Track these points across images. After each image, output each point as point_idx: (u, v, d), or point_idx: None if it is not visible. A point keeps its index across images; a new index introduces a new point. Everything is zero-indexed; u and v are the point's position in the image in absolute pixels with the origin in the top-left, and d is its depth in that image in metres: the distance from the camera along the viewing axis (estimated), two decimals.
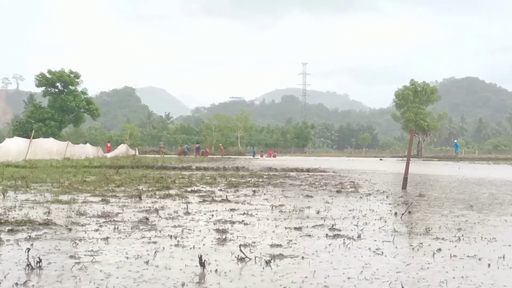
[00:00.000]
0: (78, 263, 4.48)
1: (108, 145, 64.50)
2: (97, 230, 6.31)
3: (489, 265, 4.68)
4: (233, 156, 73.90)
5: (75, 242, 5.45)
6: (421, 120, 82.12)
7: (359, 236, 6.09)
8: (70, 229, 6.31)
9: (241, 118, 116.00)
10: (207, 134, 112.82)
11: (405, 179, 14.05)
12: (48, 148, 34.77)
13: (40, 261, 4.32)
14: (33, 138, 32.70)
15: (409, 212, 8.44)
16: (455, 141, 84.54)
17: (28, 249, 4.63)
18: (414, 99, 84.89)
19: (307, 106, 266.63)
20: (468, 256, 5.02)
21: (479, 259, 4.90)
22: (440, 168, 33.28)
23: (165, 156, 63.19)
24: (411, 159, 15.82)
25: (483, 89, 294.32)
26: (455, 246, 5.57)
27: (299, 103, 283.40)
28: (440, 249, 5.34)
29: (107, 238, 5.74)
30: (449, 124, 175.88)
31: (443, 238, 6.07)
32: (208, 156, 71.71)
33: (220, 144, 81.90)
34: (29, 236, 5.78)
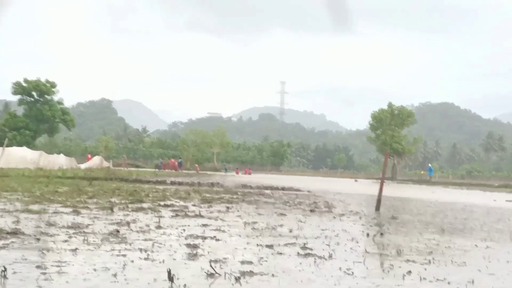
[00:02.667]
0: (44, 273, 4.40)
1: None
2: (66, 241, 6.21)
3: None
4: (209, 172, 73.69)
5: (43, 252, 5.36)
6: (396, 143, 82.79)
7: (330, 256, 6.08)
8: (38, 239, 6.21)
9: (218, 134, 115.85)
10: (183, 149, 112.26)
11: (379, 201, 14.11)
12: (22, 156, 34.34)
13: (5, 270, 4.23)
14: (7, 146, 32.24)
15: (381, 234, 8.46)
16: (430, 165, 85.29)
17: None
18: (390, 122, 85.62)
19: (284, 124, 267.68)
20: (437, 279, 5.03)
21: (449, 283, 4.91)
22: (414, 191, 33.53)
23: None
24: (385, 181, 15.92)
25: (458, 114, 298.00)
26: (425, 269, 5.58)
27: (277, 121, 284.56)
28: (410, 272, 5.34)
29: (76, 249, 5.65)
30: (424, 148, 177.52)
31: (413, 261, 6.08)
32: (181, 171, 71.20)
33: (196, 165, 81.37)
34: None
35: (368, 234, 8.35)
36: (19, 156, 34.11)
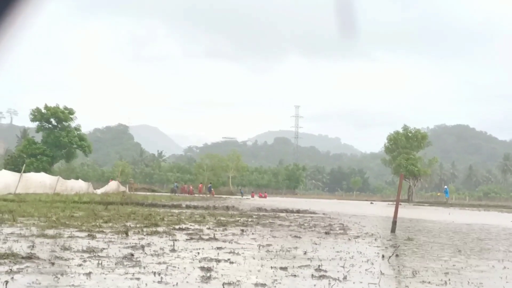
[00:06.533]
0: None
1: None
2: (80, 265, 6.23)
3: None
4: (224, 196, 73.62)
5: (57, 277, 5.38)
6: (412, 165, 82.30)
7: (345, 278, 6.04)
8: (53, 263, 6.23)
9: (233, 158, 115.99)
10: (199, 174, 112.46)
11: (394, 223, 14.02)
12: (41, 181, 34.64)
13: None
14: (24, 172, 32.53)
15: (397, 255, 8.40)
16: (446, 187, 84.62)
17: (6, 282, 4.56)
18: (405, 144, 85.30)
19: (299, 148, 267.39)
20: None
21: None
22: (430, 213, 33.23)
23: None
24: (401, 203, 15.83)
25: (474, 136, 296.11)
26: None
27: (291, 145, 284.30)
28: None
29: (90, 273, 5.67)
30: (440, 170, 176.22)
31: (429, 282, 6.03)
32: (195, 194, 71.17)
33: (213, 190, 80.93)
34: (10, 269, 5.69)
35: (383, 256, 8.29)
36: (39, 181, 34.43)
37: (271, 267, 6.68)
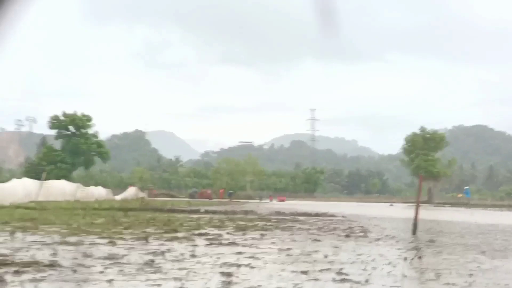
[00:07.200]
0: None
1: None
2: (102, 272, 6.24)
3: None
4: (242, 200, 73.53)
5: (79, 284, 5.40)
6: (431, 166, 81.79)
7: (366, 281, 5.99)
8: (75, 271, 6.25)
9: (250, 162, 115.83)
10: (216, 178, 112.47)
11: (415, 225, 13.90)
12: (61, 189, 34.91)
13: None
14: (44, 179, 32.78)
15: (419, 257, 8.32)
16: (466, 187, 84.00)
17: None
18: (423, 146, 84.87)
19: (316, 151, 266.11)
20: None
21: None
22: (452, 214, 32.95)
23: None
24: (422, 205, 15.70)
25: (493, 137, 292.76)
26: None
27: (308, 148, 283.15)
28: None
29: (112, 280, 5.67)
30: (460, 171, 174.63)
31: (453, 284, 5.95)
32: (213, 199, 71.09)
33: (232, 197, 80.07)
34: (34, 277, 5.72)
35: (405, 258, 8.21)
36: (59, 189, 34.67)
37: (292, 271, 6.64)
